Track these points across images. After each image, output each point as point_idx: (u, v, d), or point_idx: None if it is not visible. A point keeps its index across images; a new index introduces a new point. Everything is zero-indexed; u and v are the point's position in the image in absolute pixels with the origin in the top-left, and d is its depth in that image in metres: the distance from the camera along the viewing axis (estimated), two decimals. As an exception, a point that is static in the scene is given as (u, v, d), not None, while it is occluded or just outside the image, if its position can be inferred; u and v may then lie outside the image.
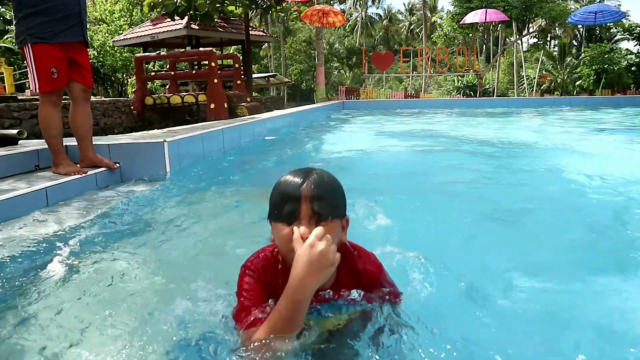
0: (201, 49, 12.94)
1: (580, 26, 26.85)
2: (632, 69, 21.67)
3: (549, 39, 34.29)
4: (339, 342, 1.33)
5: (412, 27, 51.54)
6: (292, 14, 18.97)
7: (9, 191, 2.90)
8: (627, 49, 23.75)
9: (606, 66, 20.61)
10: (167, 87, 12.97)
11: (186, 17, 14.83)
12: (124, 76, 21.24)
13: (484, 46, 35.99)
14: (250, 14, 17.19)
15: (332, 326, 1.33)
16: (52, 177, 3.39)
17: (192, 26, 15.11)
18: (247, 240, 2.30)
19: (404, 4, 54.33)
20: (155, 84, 18.04)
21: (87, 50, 3.73)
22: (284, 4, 16.46)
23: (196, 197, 3.40)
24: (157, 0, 14.11)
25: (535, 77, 30.01)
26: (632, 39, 26.03)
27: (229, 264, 1.89)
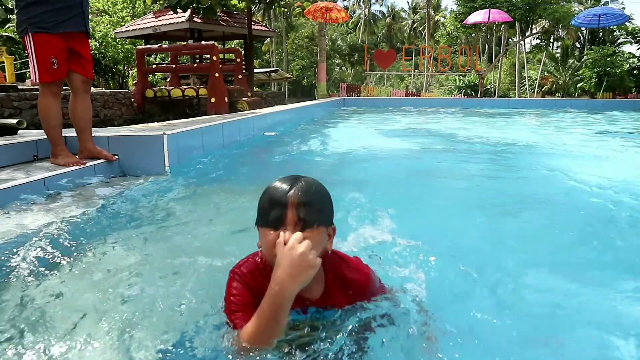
0: (203, 42, 12.93)
1: (583, 28, 26.81)
2: (634, 73, 21.64)
3: (551, 40, 34.26)
4: (327, 338, 1.33)
5: (415, 25, 51.45)
6: (295, 9, 18.92)
7: (7, 181, 2.90)
8: (629, 53, 23.72)
9: (608, 69, 20.57)
10: (168, 80, 12.96)
11: (189, 10, 14.78)
12: (125, 68, 21.19)
13: (487, 46, 35.97)
14: (253, 8, 17.15)
15: (320, 325, 1.35)
16: (50, 168, 3.39)
17: (195, 19, 15.07)
18: (243, 234, 2.30)
19: (408, 2, 54.26)
20: (156, 77, 18.02)
21: (89, 41, 3.71)
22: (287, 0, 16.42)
23: (194, 191, 3.40)
24: (160, -8, 14.06)
25: (537, 79, 29.99)
26: (635, 43, 25.98)
27: (225, 259, 1.89)
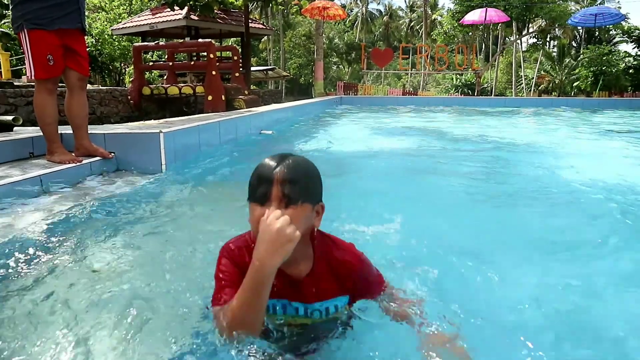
0: (200, 40, 12.87)
1: (579, 27, 26.87)
2: (630, 72, 21.71)
3: (548, 39, 34.30)
4: (315, 336, 1.34)
5: (412, 24, 51.43)
6: (292, 7, 18.89)
7: (2, 178, 2.89)
8: (625, 52, 23.79)
9: (604, 68, 20.61)
10: (165, 77, 12.91)
11: (186, 8, 14.74)
12: (122, 65, 21.11)
13: (484, 45, 35.97)
14: (250, 6, 17.10)
15: (310, 321, 1.35)
16: (46, 165, 3.38)
17: (192, 17, 15.03)
18: (239, 231, 2.30)
19: (405, 1, 54.18)
20: (153, 74, 17.94)
21: (85, 38, 3.70)
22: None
23: (190, 188, 3.40)
24: (157, -11, 14.00)
25: (533, 78, 30.02)
26: (631, 42, 26.06)
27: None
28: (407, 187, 3.76)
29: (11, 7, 3.38)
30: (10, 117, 4.40)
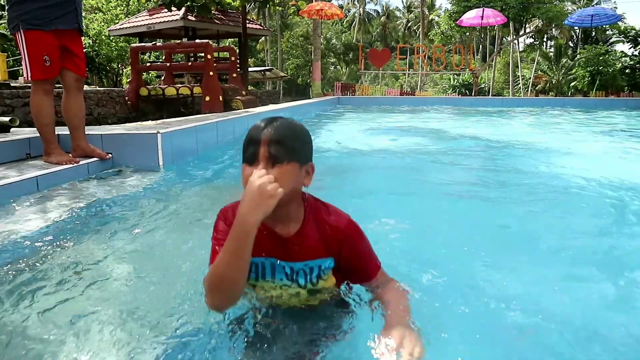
0: (197, 40, 12.88)
1: (576, 27, 26.94)
2: (627, 72, 21.77)
3: (545, 39, 34.40)
4: (306, 320, 1.34)
5: (409, 24, 51.48)
6: (289, 8, 18.90)
7: (-1, 179, 2.88)
8: (622, 52, 23.85)
9: (601, 68, 20.67)
10: (163, 78, 12.91)
11: (183, 8, 14.72)
12: (119, 66, 21.09)
13: (481, 45, 36.07)
14: (247, 6, 17.10)
15: (299, 303, 1.36)
16: (43, 166, 3.37)
17: (189, 17, 15.02)
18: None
19: (402, 1, 54.15)
20: (150, 75, 17.93)
21: (82, 38, 3.69)
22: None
23: (188, 189, 3.40)
24: (154, -10, 13.99)
25: (530, 78, 30.12)
26: (627, 42, 26.13)
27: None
28: (405, 187, 3.76)
29: (7, 8, 3.37)
30: (7, 118, 4.39)
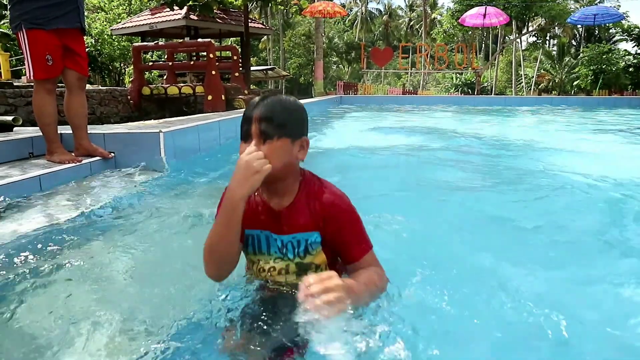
0: (200, 39, 12.88)
1: (579, 26, 26.86)
2: (630, 70, 21.70)
3: (548, 38, 34.30)
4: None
5: (412, 23, 51.40)
6: (291, 7, 18.89)
7: (2, 178, 2.89)
8: (625, 50, 23.77)
9: (604, 67, 20.60)
10: (165, 77, 12.91)
11: (185, 7, 14.73)
12: (122, 65, 21.12)
13: (483, 44, 35.98)
14: (249, 5, 17.10)
15: (294, 280, 1.37)
16: (45, 165, 3.37)
17: (191, 16, 15.02)
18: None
19: (404, 0, 54.12)
20: (152, 74, 17.94)
21: (84, 37, 3.69)
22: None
23: (191, 188, 3.39)
24: (156, -11, 14.00)
25: (533, 76, 30.02)
26: (631, 40, 26.05)
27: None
28: (407, 186, 3.75)
29: (9, 7, 3.37)
30: (10, 118, 4.40)
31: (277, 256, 1.38)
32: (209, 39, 11.19)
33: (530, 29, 29.06)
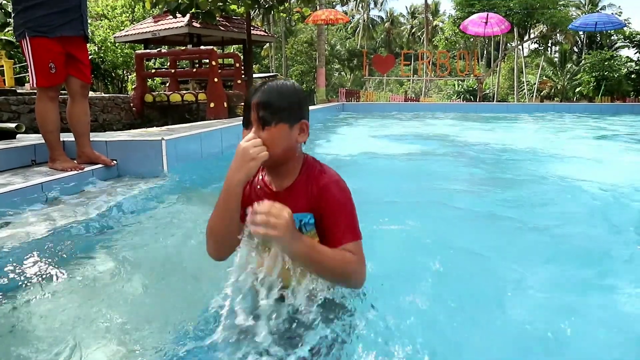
0: (202, 47, 12.93)
1: (581, 33, 26.90)
2: (632, 77, 21.67)
3: (549, 45, 34.35)
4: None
5: (413, 30, 51.59)
6: (294, 15, 18.97)
7: (4, 185, 2.88)
8: (627, 57, 23.74)
9: (606, 73, 20.58)
10: (167, 84, 12.95)
11: (188, 15, 14.78)
12: (124, 72, 21.21)
13: (485, 51, 36.03)
14: (252, 13, 17.18)
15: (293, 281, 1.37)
16: (48, 173, 3.37)
17: (194, 24, 15.08)
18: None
19: (406, 7, 54.45)
20: (155, 82, 18.01)
21: (87, 45, 3.70)
22: (286, 5, 16.45)
23: (192, 196, 3.39)
24: (159, -3, 14.06)
25: (535, 83, 30.02)
26: (633, 47, 26.05)
27: (224, 262, 1.87)
28: (410, 193, 3.74)
29: (13, 15, 3.38)
30: (13, 125, 4.41)
31: None
32: (212, 47, 11.26)
33: (532, 36, 29.11)
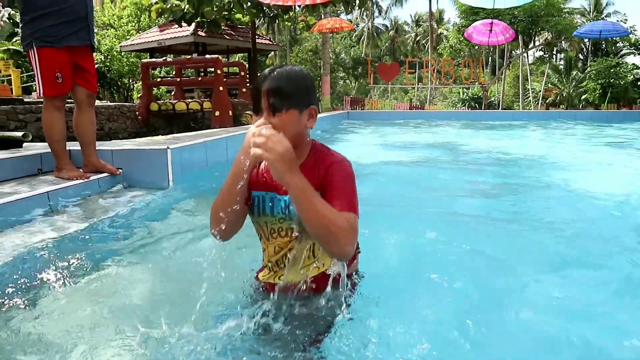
0: (207, 56, 13.00)
1: (586, 40, 26.88)
2: (638, 84, 21.64)
3: (554, 52, 34.34)
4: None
5: (418, 38, 51.74)
6: (299, 23, 19.07)
7: (10, 194, 2.89)
8: (633, 64, 23.75)
9: (612, 80, 20.57)
10: (173, 93, 13.01)
11: (193, 24, 14.90)
12: (130, 81, 21.33)
13: (490, 58, 36.06)
14: (257, 22, 17.29)
15: (300, 277, 1.44)
16: (54, 182, 3.38)
17: (199, 33, 15.19)
18: (247, 247, 2.27)
19: (411, 16, 54.61)
20: (160, 90, 18.10)
21: (93, 54, 3.72)
22: (291, 13, 16.55)
23: (197, 205, 3.38)
24: (164, 6, 14.20)
25: (540, 91, 30.02)
26: (639, 54, 26.03)
27: (230, 271, 1.87)
28: (415, 200, 3.72)
29: (21, 25, 3.41)
30: (20, 134, 4.43)
31: (280, 216, 1.45)
32: (217, 55, 11.29)
33: (536, 44, 29.13)
